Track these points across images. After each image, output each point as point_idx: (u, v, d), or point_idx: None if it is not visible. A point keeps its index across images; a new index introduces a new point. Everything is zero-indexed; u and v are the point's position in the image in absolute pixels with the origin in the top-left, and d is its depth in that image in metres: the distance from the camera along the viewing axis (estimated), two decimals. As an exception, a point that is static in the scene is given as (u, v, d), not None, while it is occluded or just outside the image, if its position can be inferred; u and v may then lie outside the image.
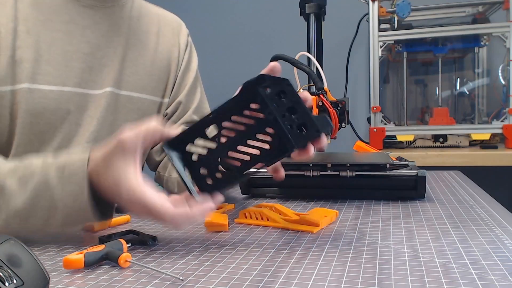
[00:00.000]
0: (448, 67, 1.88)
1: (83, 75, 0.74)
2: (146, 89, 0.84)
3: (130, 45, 0.82)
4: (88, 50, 0.75)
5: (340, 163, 0.79)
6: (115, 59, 0.79)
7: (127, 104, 0.80)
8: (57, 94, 0.70)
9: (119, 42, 0.80)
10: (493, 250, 0.49)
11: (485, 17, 1.76)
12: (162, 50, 0.88)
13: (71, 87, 0.72)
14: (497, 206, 0.71)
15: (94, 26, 0.76)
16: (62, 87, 0.71)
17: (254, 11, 2.44)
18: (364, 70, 2.08)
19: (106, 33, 0.78)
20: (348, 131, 1.58)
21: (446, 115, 1.70)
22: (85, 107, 0.74)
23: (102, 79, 0.76)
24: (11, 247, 0.36)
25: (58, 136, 0.71)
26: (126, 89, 0.80)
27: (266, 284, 0.41)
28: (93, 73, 0.75)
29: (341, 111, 0.73)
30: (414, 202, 0.75)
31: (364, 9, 1.73)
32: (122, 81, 0.79)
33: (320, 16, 1.14)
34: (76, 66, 0.73)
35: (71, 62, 0.72)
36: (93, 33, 0.76)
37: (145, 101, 0.84)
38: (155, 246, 0.55)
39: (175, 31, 0.94)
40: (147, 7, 0.89)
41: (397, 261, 0.46)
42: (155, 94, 0.86)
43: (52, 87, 0.70)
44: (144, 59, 0.84)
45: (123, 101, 0.80)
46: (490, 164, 1.49)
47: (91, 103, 0.75)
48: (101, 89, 0.76)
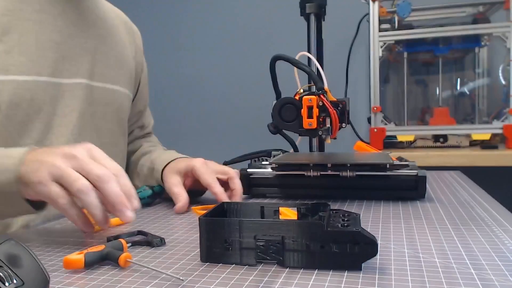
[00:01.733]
0: (448, 67, 1.88)
1: (57, 65, 0.73)
2: (119, 81, 0.86)
3: (100, 37, 0.82)
4: (60, 39, 0.74)
5: (340, 163, 0.79)
6: (86, 49, 0.79)
7: (104, 96, 0.82)
8: (32, 84, 0.70)
9: (90, 33, 0.80)
10: (493, 250, 0.49)
11: (485, 17, 1.76)
12: (124, 45, 0.89)
13: (46, 76, 0.72)
14: (497, 206, 0.71)
15: (64, 14, 0.76)
16: (37, 77, 0.70)
17: (254, 11, 2.44)
18: (365, 70, 2.07)
19: (76, 22, 0.78)
20: (348, 131, 1.57)
21: (446, 115, 1.70)
22: (60, 96, 0.74)
23: (76, 68, 0.77)
24: (11, 247, 0.36)
25: (38, 127, 0.71)
26: (100, 80, 0.81)
27: (266, 284, 0.41)
28: (66, 62, 0.75)
29: (341, 111, 0.73)
30: (415, 202, 0.75)
31: (364, 9, 1.73)
32: (95, 73, 0.80)
33: (320, 16, 1.14)
34: (49, 56, 0.73)
35: (44, 51, 0.72)
36: (64, 22, 0.76)
37: (120, 94, 0.86)
38: (155, 246, 0.55)
39: (128, 28, 0.96)
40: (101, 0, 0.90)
41: (397, 261, 0.46)
42: (126, 88, 0.88)
43: (27, 77, 0.69)
44: (114, 52, 0.85)
45: (99, 92, 0.81)
46: (491, 164, 1.49)
47: (66, 92, 0.75)
48: (74, 79, 0.76)
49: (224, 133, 2.54)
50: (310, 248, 0.44)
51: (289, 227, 0.45)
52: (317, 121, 0.72)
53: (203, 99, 2.56)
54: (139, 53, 0.98)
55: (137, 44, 0.97)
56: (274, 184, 0.83)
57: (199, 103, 2.57)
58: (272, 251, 0.46)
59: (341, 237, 0.44)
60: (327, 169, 0.79)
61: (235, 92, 2.49)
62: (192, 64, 2.55)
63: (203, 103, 2.56)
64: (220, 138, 2.53)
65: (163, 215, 0.72)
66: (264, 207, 0.54)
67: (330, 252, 0.44)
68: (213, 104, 2.54)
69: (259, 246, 0.46)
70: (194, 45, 2.54)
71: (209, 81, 2.54)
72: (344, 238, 0.44)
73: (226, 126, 2.53)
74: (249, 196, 0.86)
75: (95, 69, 0.80)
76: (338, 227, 0.45)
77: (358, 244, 0.43)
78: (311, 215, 0.52)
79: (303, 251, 0.45)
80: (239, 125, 2.49)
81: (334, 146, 0.99)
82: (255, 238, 0.46)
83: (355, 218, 0.48)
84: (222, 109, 2.53)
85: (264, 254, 0.46)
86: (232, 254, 0.47)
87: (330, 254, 0.44)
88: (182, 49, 2.54)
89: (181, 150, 0.92)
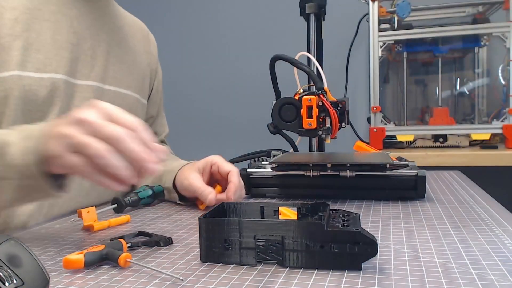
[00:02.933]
0: (448, 67, 1.88)
1: (71, 65, 0.74)
2: (130, 86, 0.86)
3: (114, 42, 0.84)
4: (75, 40, 0.76)
5: (340, 163, 0.79)
6: (100, 53, 0.80)
7: (115, 99, 0.82)
8: (48, 81, 0.70)
9: (104, 37, 0.81)
10: (493, 250, 0.49)
11: (485, 17, 1.76)
12: (139, 52, 0.91)
13: (62, 75, 0.73)
14: (497, 206, 0.71)
15: (81, 17, 0.77)
16: (53, 75, 0.71)
17: (254, 11, 2.44)
18: (364, 70, 2.07)
19: (91, 26, 0.79)
20: (348, 131, 1.58)
21: (446, 115, 1.70)
22: (72, 96, 0.75)
23: (88, 70, 0.78)
24: (11, 247, 0.36)
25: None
26: (111, 84, 0.82)
27: (266, 284, 0.41)
28: (80, 63, 0.76)
29: (341, 111, 0.73)
30: (414, 202, 0.75)
31: (364, 9, 1.73)
32: (107, 77, 0.81)
33: (320, 16, 1.14)
34: (65, 56, 0.74)
35: (60, 51, 0.73)
36: (80, 24, 0.77)
37: (132, 98, 0.86)
38: (155, 246, 0.55)
39: (145, 36, 1.00)
40: (119, 8, 0.92)
41: (397, 261, 0.46)
42: (139, 93, 0.88)
43: (43, 74, 0.70)
44: (127, 58, 0.86)
45: (110, 95, 0.81)
46: (490, 164, 1.49)
47: (77, 93, 0.76)
48: (87, 81, 0.77)
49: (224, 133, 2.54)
50: (310, 248, 0.44)
51: (289, 227, 0.45)
52: (316, 121, 0.72)
53: (203, 99, 2.56)
54: (154, 61, 1.00)
55: (152, 52, 0.99)
56: (274, 184, 0.83)
57: (199, 103, 2.57)
58: (272, 251, 0.46)
59: (340, 237, 0.44)
60: (326, 169, 0.79)
61: (235, 92, 2.49)
62: (192, 64, 2.54)
63: (203, 103, 2.56)
64: (220, 138, 2.53)
65: (163, 215, 0.72)
66: (264, 207, 0.54)
67: (330, 252, 0.44)
68: (213, 104, 2.54)
69: (258, 246, 0.46)
70: (194, 45, 2.54)
71: (209, 81, 2.54)
72: (343, 238, 0.44)
73: (226, 126, 2.53)
74: (249, 196, 0.86)
75: (107, 73, 0.81)
76: (337, 227, 0.45)
77: (358, 244, 0.43)
78: (311, 215, 0.52)
79: (302, 251, 0.45)
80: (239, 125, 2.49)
81: (333, 146, 0.99)
82: (255, 238, 0.46)
83: (355, 218, 0.48)
84: (222, 109, 2.53)
85: (264, 254, 0.46)
86: (231, 254, 0.47)
87: (330, 254, 0.44)
88: (182, 49, 2.54)
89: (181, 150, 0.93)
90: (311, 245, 0.44)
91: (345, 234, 0.44)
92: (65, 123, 0.52)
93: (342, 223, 0.46)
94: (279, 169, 0.83)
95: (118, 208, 0.75)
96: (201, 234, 0.48)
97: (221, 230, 0.47)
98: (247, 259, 0.46)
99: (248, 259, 0.46)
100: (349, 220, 0.47)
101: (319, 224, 0.44)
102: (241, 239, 0.46)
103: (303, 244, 0.45)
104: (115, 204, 0.74)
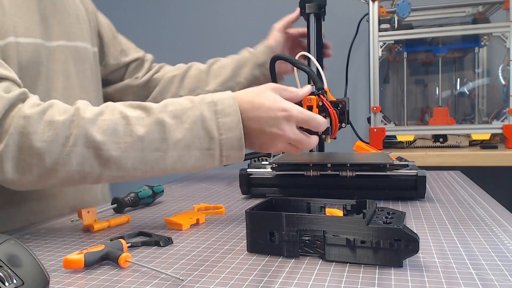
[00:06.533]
0: (448, 67, 1.88)
1: (41, 27, 0.73)
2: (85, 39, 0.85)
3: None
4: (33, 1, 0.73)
5: (340, 163, 0.79)
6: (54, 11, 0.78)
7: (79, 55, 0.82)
8: (34, 46, 0.70)
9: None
10: (493, 250, 0.49)
11: (485, 17, 1.76)
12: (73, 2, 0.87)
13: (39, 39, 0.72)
14: (497, 206, 0.71)
15: None
16: (35, 39, 0.71)
17: (254, 10, 2.44)
18: (364, 70, 2.07)
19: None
20: (348, 131, 1.57)
21: (446, 115, 1.69)
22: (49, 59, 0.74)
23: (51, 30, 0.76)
24: (11, 247, 0.36)
25: (41, 89, 0.71)
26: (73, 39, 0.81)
27: (266, 284, 0.41)
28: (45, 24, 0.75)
29: (341, 111, 0.72)
30: (414, 202, 0.75)
31: (364, 9, 1.73)
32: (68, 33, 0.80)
33: (320, 16, 1.14)
34: (34, 18, 0.72)
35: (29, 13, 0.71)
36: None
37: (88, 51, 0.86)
38: (155, 246, 0.55)
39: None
40: None
41: (397, 261, 0.46)
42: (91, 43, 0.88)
43: (29, 39, 0.69)
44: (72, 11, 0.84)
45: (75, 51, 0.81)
46: (490, 164, 1.49)
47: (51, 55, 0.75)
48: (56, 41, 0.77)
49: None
50: (350, 243, 0.45)
51: (331, 222, 0.46)
52: (317, 121, 0.72)
53: (203, 99, 2.56)
54: (90, 7, 0.94)
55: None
56: (274, 184, 0.83)
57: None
58: (315, 245, 0.48)
59: (382, 233, 0.44)
60: (326, 169, 0.79)
61: (234, 92, 2.49)
62: (191, 64, 2.54)
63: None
64: (219, 138, 2.53)
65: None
66: (310, 203, 0.56)
67: (371, 248, 0.45)
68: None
69: (302, 240, 0.48)
70: (194, 44, 2.54)
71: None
72: (385, 235, 0.44)
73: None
74: (249, 196, 0.86)
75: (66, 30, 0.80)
76: (380, 224, 0.45)
77: (399, 241, 0.44)
78: (356, 212, 0.54)
79: (343, 246, 0.46)
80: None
81: (334, 146, 0.99)
82: (298, 232, 0.48)
83: (400, 216, 0.49)
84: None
85: (307, 247, 0.48)
86: (276, 246, 0.49)
87: (370, 250, 0.45)
88: (182, 48, 2.54)
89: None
90: (352, 240, 0.45)
91: (386, 230, 0.44)
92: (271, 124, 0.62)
93: (385, 220, 0.47)
94: (279, 169, 0.83)
95: (118, 208, 0.75)
96: (247, 226, 0.50)
97: (266, 223, 0.49)
98: (291, 252, 0.48)
99: (292, 252, 0.48)
100: (393, 218, 0.48)
101: (360, 220, 0.45)
102: (285, 232, 0.48)
103: (344, 239, 0.46)
104: (115, 204, 0.74)
